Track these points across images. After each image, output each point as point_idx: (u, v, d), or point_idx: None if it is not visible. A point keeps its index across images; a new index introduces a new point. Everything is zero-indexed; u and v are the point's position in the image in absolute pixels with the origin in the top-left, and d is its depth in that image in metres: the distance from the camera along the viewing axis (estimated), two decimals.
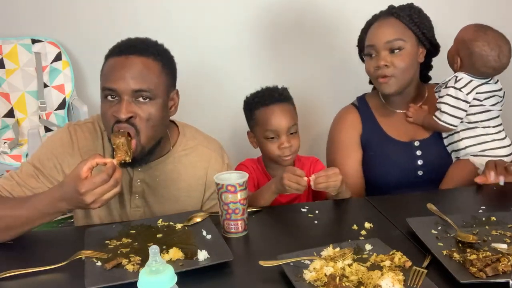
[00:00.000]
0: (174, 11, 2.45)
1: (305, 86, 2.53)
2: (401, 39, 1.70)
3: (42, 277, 1.14)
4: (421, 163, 1.77)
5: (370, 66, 1.74)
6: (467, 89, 1.70)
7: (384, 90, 1.75)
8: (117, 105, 1.32)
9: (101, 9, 2.42)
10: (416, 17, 1.72)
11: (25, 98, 2.36)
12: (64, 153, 1.43)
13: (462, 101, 1.70)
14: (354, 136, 1.82)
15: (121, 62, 1.33)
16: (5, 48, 2.33)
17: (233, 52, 2.55)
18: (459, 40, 1.74)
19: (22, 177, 1.41)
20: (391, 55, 1.70)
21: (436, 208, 1.36)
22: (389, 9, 1.77)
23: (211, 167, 1.51)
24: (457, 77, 1.73)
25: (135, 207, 1.48)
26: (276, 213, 1.51)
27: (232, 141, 2.32)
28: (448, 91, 1.72)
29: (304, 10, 2.55)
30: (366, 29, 1.80)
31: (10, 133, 2.31)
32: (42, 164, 1.42)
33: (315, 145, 2.39)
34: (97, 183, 1.17)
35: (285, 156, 1.73)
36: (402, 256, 1.14)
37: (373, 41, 1.72)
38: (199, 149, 1.53)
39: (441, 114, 1.72)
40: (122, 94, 1.32)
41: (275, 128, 1.71)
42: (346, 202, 1.58)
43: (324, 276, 1.06)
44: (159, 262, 0.88)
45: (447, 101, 1.71)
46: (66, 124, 1.52)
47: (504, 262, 1.08)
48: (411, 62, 1.72)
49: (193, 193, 1.52)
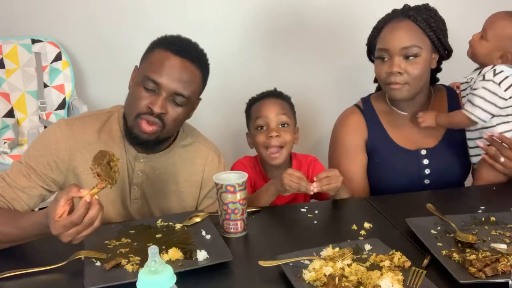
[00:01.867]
0: (174, 11, 2.45)
1: (308, 88, 2.53)
2: (417, 46, 1.61)
3: (41, 277, 1.14)
4: (428, 172, 1.72)
5: (381, 70, 1.65)
6: (505, 84, 1.56)
7: (395, 96, 1.68)
8: (154, 97, 1.36)
9: (101, 9, 2.42)
10: (433, 21, 1.63)
11: (25, 98, 2.36)
12: (59, 149, 1.41)
13: (499, 97, 1.56)
14: (359, 141, 1.76)
15: (174, 62, 1.38)
16: (5, 48, 2.33)
17: (234, 53, 2.55)
18: (502, 35, 1.60)
19: (13, 177, 1.39)
20: (405, 61, 1.61)
21: (436, 208, 1.36)
22: (405, 10, 1.67)
23: (208, 164, 1.54)
24: (496, 70, 1.58)
25: (134, 199, 1.49)
26: (275, 213, 1.51)
27: (231, 142, 2.32)
28: (486, 85, 1.58)
29: (307, 11, 2.55)
30: (379, 28, 1.70)
31: (10, 133, 2.31)
32: (35, 161, 1.40)
33: (318, 147, 2.39)
34: (69, 226, 1.10)
35: (272, 148, 1.70)
36: (402, 256, 1.14)
37: (388, 45, 1.63)
38: (197, 146, 1.55)
39: (473, 108, 1.59)
40: (164, 91, 1.36)
41: (264, 114, 1.72)
42: (346, 202, 1.58)
43: (323, 276, 1.06)
44: (158, 262, 0.88)
45: (482, 94, 1.58)
46: (59, 119, 1.50)
47: (504, 262, 1.08)
48: (425, 70, 1.65)
49: (190, 188, 1.54)
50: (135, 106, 1.38)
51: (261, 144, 1.73)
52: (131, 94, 1.42)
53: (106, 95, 2.47)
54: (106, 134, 1.46)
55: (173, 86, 1.36)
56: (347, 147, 1.77)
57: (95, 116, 1.51)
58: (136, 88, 1.40)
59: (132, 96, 1.40)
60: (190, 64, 1.39)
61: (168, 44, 1.41)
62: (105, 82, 2.47)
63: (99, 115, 1.51)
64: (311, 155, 1.89)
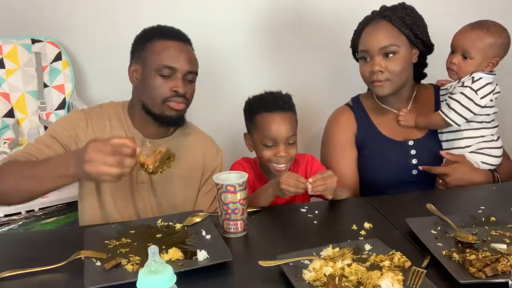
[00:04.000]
0: (174, 11, 2.45)
1: (305, 87, 2.53)
2: (395, 44, 1.71)
3: (41, 277, 1.14)
4: (415, 162, 1.79)
5: (364, 70, 1.77)
6: (482, 92, 1.67)
7: (378, 93, 1.78)
8: (174, 81, 1.54)
9: (101, 9, 2.42)
10: (409, 19, 1.72)
11: (25, 98, 2.36)
12: (79, 126, 1.55)
13: (474, 104, 1.67)
14: (348, 136, 1.84)
15: (179, 46, 1.56)
16: (5, 48, 2.33)
17: (233, 53, 2.54)
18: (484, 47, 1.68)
19: (38, 146, 1.48)
20: (385, 60, 1.71)
21: (436, 208, 1.37)
22: (381, 11, 1.77)
23: (208, 151, 1.69)
24: (474, 77, 1.68)
25: (141, 183, 1.59)
26: (275, 213, 1.51)
27: (230, 143, 2.31)
28: (464, 90, 1.68)
29: (305, 10, 2.55)
30: (360, 31, 1.80)
31: (10, 133, 2.31)
32: (58, 134, 1.52)
33: (312, 145, 2.39)
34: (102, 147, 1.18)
35: (280, 164, 1.68)
36: (402, 256, 1.14)
37: (367, 47, 1.73)
38: (196, 135, 1.71)
39: (449, 111, 1.70)
40: (179, 73, 1.54)
41: (274, 136, 1.66)
42: (346, 202, 1.58)
43: (323, 276, 1.06)
44: (159, 262, 0.88)
45: (459, 99, 1.68)
46: (75, 108, 1.58)
47: (504, 262, 1.08)
48: (405, 65, 1.74)
49: (193, 174, 1.65)
50: (159, 93, 1.53)
51: (266, 158, 1.70)
52: (150, 85, 1.54)
53: (106, 95, 2.44)
54: (115, 121, 1.61)
55: (186, 67, 1.54)
56: (338, 143, 1.85)
57: (104, 108, 1.65)
58: (152, 78, 1.54)
59: (152, 86, 1.54)
60: (187, 45, 1.60)
61: (165, 33, 1.58)
62: (105, 82, 2.46)
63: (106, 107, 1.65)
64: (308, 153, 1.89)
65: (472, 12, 1.98)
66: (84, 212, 1.60)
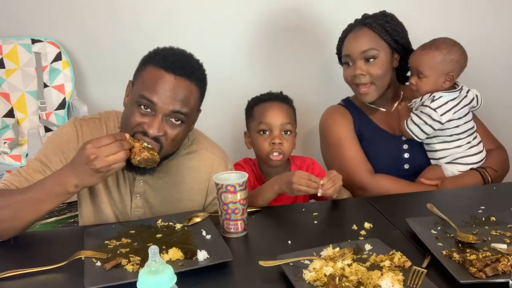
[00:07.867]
0: (174, 12, 2.44)
1: (302, 88, 2.52)
2: (374, 48, 1.78)
3: (41, 277, 1.14)
4: (407, 156, 1.83)
5: (347, 74, 1.85)
6: (442, 110, 1.72)
7: (365, 100, 1.85)
8: (151, 118, 1.32)
9: (101, 9, 2.42)
10: (388, 26, 1.80)
11: (25, 98, 2.36)
12: (69, 148, 1.43)
13: (435, 121, 1.72)
14: (349, 129, 1.89)
15: (169, 80, 1.32)
16: (5, 48, 2.33)
17: (233, 54, 2.54)
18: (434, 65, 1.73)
19: (29, 173, 1.41)
20: (366, 64, 1.79)
21: (436, 208, 1.37)
22: (363, 18, 1.85)
23: (214, 171, 1.47)
24: (435, 97, 1.74)
25: (136, 207, 1.48)
26: (276, 213, 1.51)
27: (231, 144, 2.31)
28: (424, 109, 1.74)
29: (302, 13, 2.55)
30: (343, 38, 1.88)
31: (10, 133, 2.31)
32: (48, 159, 1.43)
33: (312, 145, 2.39)
34: (102, 142, 1.21)
35: (274, 153, 1.71)
36: (402, 256, 1.14)
37: (349, 51, 1.82)
38: (202, 153, 1.53)
39: (411, 124, 1.77)
40: (160, 111, 1.31)
41: (269, 121, 1.72)
42: (346, 202, 1.58)
43: (323, 276, 1.06)
44: (159, 262, 0.88)
45: (420, 115, 1.75)
46: (71, 118, 1.52)
47: (504, 262, 1.08)
48: (386, 69, 1.81)
49: (195, 196, 1.52)
50: (129, 126, 1.34)
51: (261, 148, 1.73)
52: (126, 113, 1.37)
53: (106, 95, 2.46)
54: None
55: (170, 106, 1.31)
56: (340, 137, 1.88)
57: (102, 119, 1.51)
58: (131, 106, 1.35)
59: (127, 115, 1.36)
60: (185, 81, 1.34)
61: (161, 61, 1.34)
62: (105, 82, 2.46)
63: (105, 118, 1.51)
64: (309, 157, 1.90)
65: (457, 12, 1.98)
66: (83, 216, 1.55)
